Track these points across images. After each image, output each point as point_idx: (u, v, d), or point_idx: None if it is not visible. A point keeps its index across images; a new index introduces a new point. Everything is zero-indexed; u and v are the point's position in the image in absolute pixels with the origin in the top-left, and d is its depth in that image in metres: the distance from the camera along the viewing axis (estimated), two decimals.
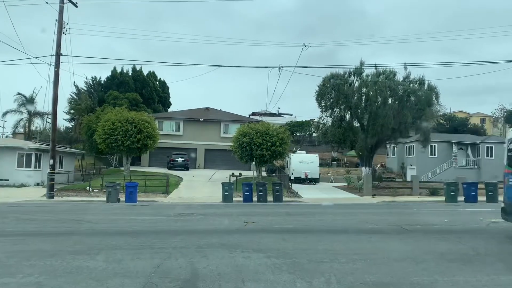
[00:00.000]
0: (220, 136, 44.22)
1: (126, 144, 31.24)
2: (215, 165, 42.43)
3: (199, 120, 43.91)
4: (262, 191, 21.26)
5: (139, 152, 33.69)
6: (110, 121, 31.72)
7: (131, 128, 31.59)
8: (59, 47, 23.47)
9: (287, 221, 13.19)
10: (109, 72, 54.61)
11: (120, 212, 15.65)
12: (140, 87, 53.95)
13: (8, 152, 29.54)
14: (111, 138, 31.27)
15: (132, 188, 21.20)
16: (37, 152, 30.08)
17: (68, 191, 25.99)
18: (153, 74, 57.44)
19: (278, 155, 30.74)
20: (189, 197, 25.12)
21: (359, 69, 30.51)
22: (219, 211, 16.10)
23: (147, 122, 32.73)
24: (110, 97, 49.20)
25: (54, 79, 23.47)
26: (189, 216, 13.82)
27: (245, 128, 31.06)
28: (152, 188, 26.48)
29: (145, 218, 13.27)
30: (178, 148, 41.92)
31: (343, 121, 31.12)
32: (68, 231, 10.86)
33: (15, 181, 29.00)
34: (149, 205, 19.36)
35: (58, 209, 16.77)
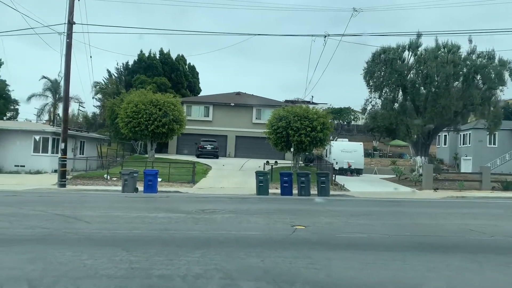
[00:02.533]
0: (252, 122, 40.79)
1: (150, 128, 28.31)
2: (247, 153, 39.12)
3: (230, 104, 40.59)
4: (305, 183, 17.67)
5: (165, 138, 30.76)
6: (133, 103, 28.86)
7: (156, 111, 28.63)
8: (72, 14, 20.55)
9: (351, 225, 9.56)
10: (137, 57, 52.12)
11: (130, 206, 12.46)
12: (168, 71, 51.16)
13: (23, 136, 27.20)
14: (134, 121, 28.42)
15: (152, 176, 18.09)
16: (54, 137, 27.59)
17: (84, 179, 23.29)
18: (182, 58, 54.53)
19: (318, 142, 27.00)
20: (217, 187, 21.92)
21: (416, 42, 26.18)
22: (253, 207, 12.65)
23: (173, 104, 29.67)
24: (137, 81, 46.66)
25: (66, 51, 20.62)
26: (215, 214, 10.43)
27: (281, 111, 27.48)
28: (177, 177, 23.42)
29: (157, 216, 9.97)
30: (207, 135, 38.84)
31: (395, 103, 26.95)
32: (39, 235, 7.69)
33: (31, 167, 26.66)
34: (170, 196, 16.17)
35: (59, 201, 13.81)
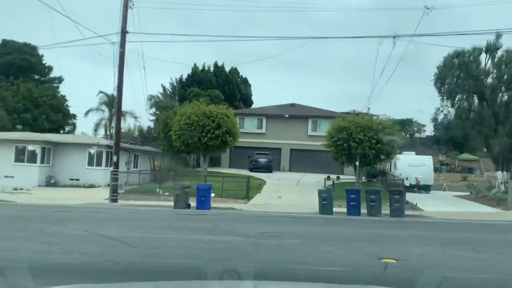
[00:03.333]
0: (308, 134, 38.92)
1: (203, 141, 27.33)
2: (302, 167, 37.19)
3: (284, 116, 39.04)
4: (375, 201, 15.57)
5: (217, 151, 29.72)
6: (186, 115, 28.08)
7: (209, 123, 27.65)
8: (125, 23, 20.03)
9: (452, 257, 7.52)
10: None
11: (182, 225, 11.10)
12: (221, 83, 50.73)
13: (78, 150, 27.18)
14: (186, 134, 27.58)
15: (205, 191, 16.79)
16: (108, 150, 27.34)
17: (136, 193, 22.54)
18: (236, 71, 54.00)
19: (384, 155, 24.67)
20: (273, 204, 20.28)
21: (494, 43, 23.34)
22: (321, 230, 10.83)
23: (227, 116, 28.58)
24: (191, 94, 46.46)
25: (119, 61, 20.07)
26: (278, 238, 8.77)
27: (341, 122, 25.46)
28: (230, 192, 22.04)
29: (212, 239, 8.48)
30: (260, 148, 37.43)
31: (471, 111, 24.10)
32: (76, 263, 6.41)
33: (85, 180, 26.50)
34: (224, 214, 14.75)
35: (106, 218, 12.78)
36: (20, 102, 37.34)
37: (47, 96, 40.26)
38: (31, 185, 25.02)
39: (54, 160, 27.21)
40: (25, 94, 38.37)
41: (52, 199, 20.31)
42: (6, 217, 11.99)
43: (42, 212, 13.91)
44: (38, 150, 26.17)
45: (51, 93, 41.87)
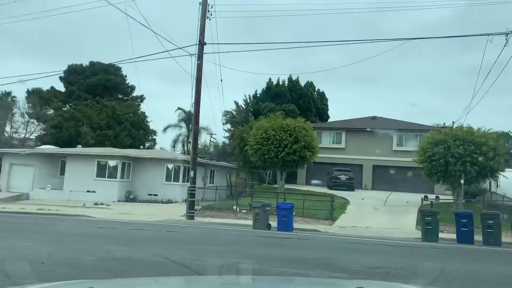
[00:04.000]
0: (393, 149, 35.88)
1: (280, 156, 25.87)
2: (386, 185, 34.19)
3: (366, 130, 36.42)
4: (493, 227, 12.87)
5: (295, 166, 28.06)
6: (263, 129, 26.89)
7: (286, 137, 26.17)
8: (203, 34, 19.39)
9: None
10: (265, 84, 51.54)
11: (265, 253, 9.53)
12: (296, 98, 49.27)
13: (156, 165, 27.10)
14: (263, 149, 26.33)
15: (286, 211, 15.19)
16: (185, 165, 26.92)
17: (213, 210, 21.56)
18: (311, 85, 52.31)
19: (488, 172, 21.41)
20: (362, 227, 18.11)
21: None
22: (445, 267, 8.58)
23: (305, 129, 26.92)
24: (265, 109, 45.54)
25: (197, 73, 19.42)
26: (394, 276, 6.80)
27: (437, 135, 22.66)
28: (311, 211, 20.22)
29: (307, 276, 6.77)
30: (340, 164, 35.08)
31: None
32: None
33: (163, 196, 26.23)
34: (311, 238, 12.97)
35: (183, 239, 11.64)
36: (104, 120, 38.84)
37: (128, 113, 41.61)
38: (111, 200, 25.20)
39: (134, 175, 27.35)
40: (109, 111, 39.91)
41: (129, 215, 19.96)
42: (80, 236, 11.30)
43: (117, 230, 13.18)
44: (118, 165, 26.43)
45: (133, 110, 43.25)
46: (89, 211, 21.03)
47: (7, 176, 29.37)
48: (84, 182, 26.35)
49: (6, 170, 29.43)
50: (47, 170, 28.78)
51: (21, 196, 27.29)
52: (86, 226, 14.29)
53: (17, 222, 15.35)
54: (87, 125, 37.22)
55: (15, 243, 9.42)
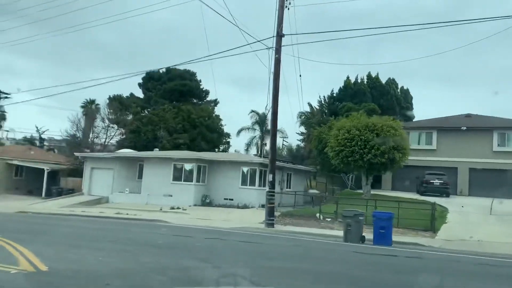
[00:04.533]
0: (493, 150, 31.56)
1: (366, 158, 23.41)
2: (485, 190, 29.93)
3: (460, 129, 32.42)
4: None
5: (383, 169, 25.36)
6: (345, 128, 24.61)
7: (373, 136, 23.64)
8: (280, 25, 17.74)
9: None
10: (342, 83, 48.89)
11: (373, 277, 7.47)
12: (377, 96, 46.04)
13: (232, 168, 25.95)
14: (346, 150, 24.04)
15: (385, 221, 12.94)
16: (261, 168, 25.49)
17: (293, 217, 19.75)
18: (393, 81, 48.72)
19: None
20: (472, 240, 15.19)
21: None
22: None
23: (394, 129, 24.19)
24: (343, 109, 42.96)
25: (275, 68, 17.82)
26: None
27: None
28: (407, 221, 17.58)
29: None
30: (431, 167, 31.48)
31: None
32: None
33: (238, 201, 24.99)
34: (419, 256, 10.64)
35: (265, 252, 9.96)
36: (179, 123, 38.88)
37: (203, 117, 41.38)
38: (187, 204, 24.47)
39: (209, 179, 26.47)
40: (184, 115, 39.93)
41: (205, 221, 18.85)
42: (155, 246, 10.11)
43: (193, 239, 11.87)
44: (194, 168, 25.67)
45: (207, 114, 43.01)
46: (165, 216, 20.29)
47: (89, 180, 30.05)
48: (161, 185, 25.96)
49: (88, 174, 30.14)
50: (126, 174, 28.95)
51: (101, 199, 27.62)
52: (162, 233, 13.22)
53: (94, 228, 14.77)
54: (163, 129, 37.42)
55: (86, 254, 8.39)
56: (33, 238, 10.75)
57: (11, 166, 34.09)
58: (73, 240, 10.62)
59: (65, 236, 11.68)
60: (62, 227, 14.44)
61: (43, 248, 8.99)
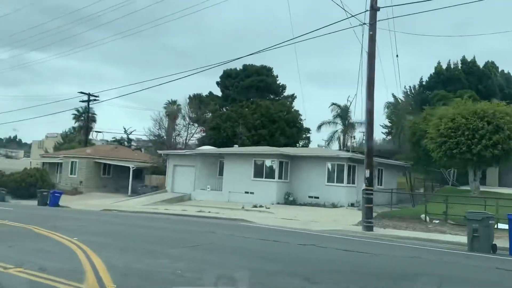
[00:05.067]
0: None
1: (475, 150, 20.11)
2: None
3: None
4: None
5: (495, 162, 21.80)
6: (448, 117, 21.44)
7: (483, 125, 20.26)
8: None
9: None
10: (432, 70, 44.45)
11: None
12: (474, 82, 41.09)
13: (316, 164, 23.95)
14: (450, 142, 20.89)
15: None
16: (350, 163, 23.20)
17: (393, 219, 17.26)
18: (493, 65, 43.26)
19: None
20: None
21: None
22: None
23: (509, 115, 20.55)
24: (435, 98, 38.88)
25: (369, 46, 15.52)
26: None
27: None
28: None
29: None
30: None
31: None
32: None
33: (325, 199, 22.94)
34: None
35: (385, 268, 7.91)
36: (258, 119, 37.69)
37: (282, 112, 39.83)
38: (269, 202, 22.99)
39: (292, 176, 24.76)
40: (263, 111, 38.67)
41: (292, 221, 17.13)
42: (242, 256, 8.56)
43: (287, 247, 10.17)
44: (276, 164, 24.11)
45: (286, 109, 41.41)
46: (249, 215, 18.94)
47: (172, 177, 29.89)
48: (242, 182, 24.80)
49: (170, 172, 30.00)
50: (207, 171, 28.28)
51: (184, 197, 27.19)
52: (247, 236, 11.71)
53: (174, 229, 13.75)
54: (242, 126, 36.47)
55: (162, 265, 7.05)
56: (109, 242, 9.80)
57: (99, 165, 35.28)
58: (150, 245, 9.47)
59: (142, 239, 10.64)
60: (141, 228, 13.58)
61: (116, 255, 7.89)
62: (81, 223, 14.50)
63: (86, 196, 31.36)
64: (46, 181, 31.49)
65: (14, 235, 10.73)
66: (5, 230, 11.55)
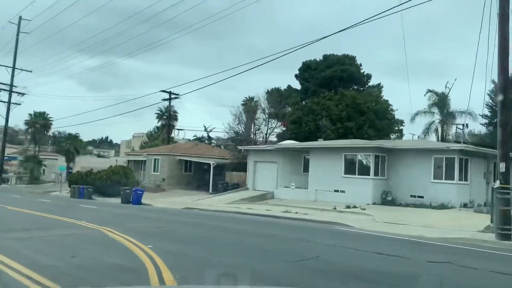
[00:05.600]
0: None
1: None
2: None
3: None
4: None
5: None
6: None
7: None
8: None
9: None
10: None
11: None
12: None
13: (418, 158, 20.61)
14: None
15: None
16: (461, 157, 19.59)
17: None
18: None
19: None
20: None
21: None
22: None
23: None
24: None
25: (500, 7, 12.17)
26: None
27: None
28: None
29: None
30: None
31: None
32: None
33: (431, 198, 19.59)
34: None
35: None
36: (343, 111, 34.72)
37: (370, 102, 36.41)
38: (363, 202, 20.21)
39: (389, 172, 21.70)
40: (348, 101, 35.60)
41: (397, 226, 14.35)
42: (369, 281, 6.18)
43: (417, 265, 7.58)
44: (371, 159, 21.21)
45: (374, 99, 37.87)
46: (343, 218, 16.44)
47: (253, 174, 28.26)
48: (330, 180, 22.29)
49: (251, 168, 28.38)
50: (290, 167, 26.16)
51: (266, 195, 25.35)
52: (355, 247, 9.29)
53: (262, 234, 11.76)
54: (326, 118, 33.75)
55: None
56: (190, 253, 8.03)
57: (181, 162, 34.86)
58: (237, 258, 7.52)
59: (229, 249, 8.76)
60: (226, 232, 11.75)
61: (197, 274, 5.99)
62: (160, 224, 13.14)
63: (168, 194, 30.91)
64: (130, 178, 31.57)
65: (83, 240, 9.45)
66: (77, 234, 10.38)
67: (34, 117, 54.10)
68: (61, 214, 14.53)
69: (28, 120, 54.11)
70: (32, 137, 56.89)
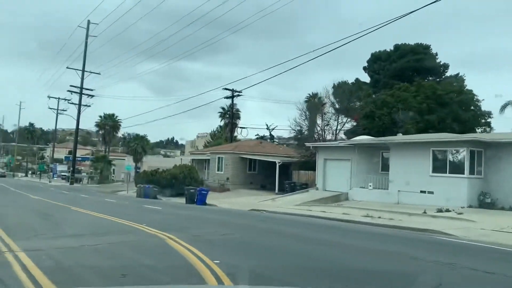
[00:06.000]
0: None
1: None
2: None
3: None
4: None
5: None
6: None
7: None
8: None
9: None
10: None
11: None
12: None
13: None
14: None
15: None
16: None
17: None
18: None
19: None
20: None
21: None
22: None
23: None
24: None
25: None
26: None
27: None
28: None
29: None
30: None
31: None
32: None
33: None
34: None
35: None
36: (423, 102, 31.31)
37: (452, 92, 32.62)
38: (457, 205, 17.32)
39: (487, 169, 18.55)
40: (428, 92, 32.11)
41: (510, 235, 11.61)
42: None
43: None
44: (466, 155, 18.21)
45: (457, 89, 33.95)
46: (438, 224, 13.83)
47: (323, 173, 26.09)
48: (415, 179, 19.56)
49: (321, 167, 26.22)
50: (365, 166, 23.63)
51: (339, 196, 23.06)
52: (479, 269, 6.93)
53: (351, 247, 9.68)
54: (402, 111, 30.58)
55: None
56: (264, 273, 6.15)
57: (244, 161, 33.49)
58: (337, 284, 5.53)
59: (314, 267, 6.80)
60: (304, 243, 9.78)
61: None
62: (228, 230, 11.51)
63: (233, 194, 29.63)
64: (194, 177, 30.75)
65: (139, 251, 7.99)
66: (134, 242, 8.99)
67: (104, 119, 55.87)
68: (122, 217, 13.47)
69: (98, 122, 55.98)
70: (102, 138, 58.91)
